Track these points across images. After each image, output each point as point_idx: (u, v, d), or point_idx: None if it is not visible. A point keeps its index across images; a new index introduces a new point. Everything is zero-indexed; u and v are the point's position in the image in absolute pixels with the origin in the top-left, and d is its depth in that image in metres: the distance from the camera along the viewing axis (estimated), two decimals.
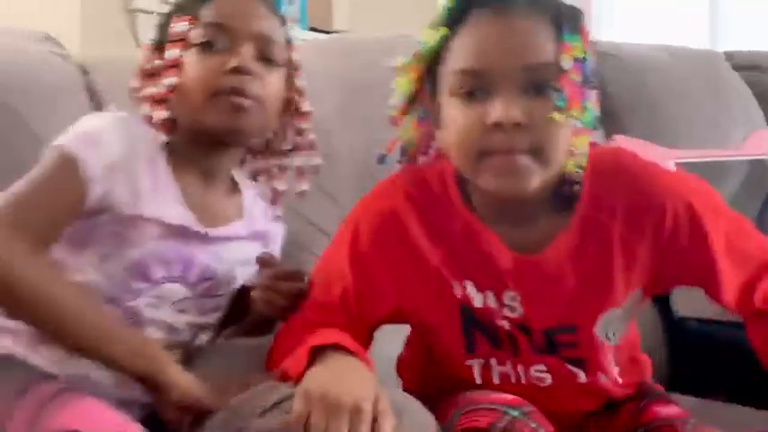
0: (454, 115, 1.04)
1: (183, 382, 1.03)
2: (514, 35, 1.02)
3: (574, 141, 1.04)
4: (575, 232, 1.08)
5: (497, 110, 1.00)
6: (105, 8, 2.50)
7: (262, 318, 1.20)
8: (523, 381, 1.12)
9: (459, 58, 1.04)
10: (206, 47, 1.15)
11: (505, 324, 1.09)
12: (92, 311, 1.03)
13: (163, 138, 1.15)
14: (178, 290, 1.13)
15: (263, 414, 0.96)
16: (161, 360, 1.04)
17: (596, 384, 1.13)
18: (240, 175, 1.27)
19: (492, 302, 1.09)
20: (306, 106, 1.27)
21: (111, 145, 1.09)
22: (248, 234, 1.22)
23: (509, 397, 1.06)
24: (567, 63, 1.02)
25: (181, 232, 1.13)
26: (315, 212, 1.53)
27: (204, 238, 1.15)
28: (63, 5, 2.53)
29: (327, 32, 3.03)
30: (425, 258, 1.09)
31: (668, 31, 3.45)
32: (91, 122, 1.12)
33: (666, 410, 1.16)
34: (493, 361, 1.12)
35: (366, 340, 1.13)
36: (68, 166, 1.06)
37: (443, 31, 1.05)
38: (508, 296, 1.09)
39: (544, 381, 1.12)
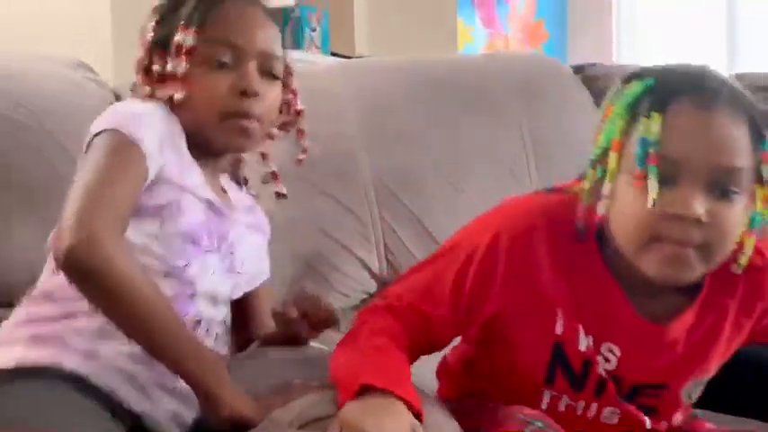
0: (634, 200, 1.02)
1: (237, 402, 1.05)
2: (715, 134, 1.01)
3: (747, 241, 1.06)
4: (697, 308, 1.12)
5: (681, 202, 1.00)
6: (137, 37, 2.56)
7: (293, 334, 1.24)
8: (590, 416, 1.15)
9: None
10: (213, 64, 1.17)
11: (603, 372, 1.12)
12: (173, 314, 1.05)
13: None
14: (216, 261, 1.16)
15: (301, 427, 1.00)
16: (223, 376, 1.06)
17: (657, 428, 1.17)
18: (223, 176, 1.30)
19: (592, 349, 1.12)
20: (299, 105, 1.29)
21: (158, 123, 1.13)
22: (249, 224, 1.26)
23: (533, 411, 1.10)
24: (767, 173, 1.04)
25: (213, 208, 1.17)
26: (336, 228, 1.59)
27: (227, 219, 1.19)
28: (96, 35, 2.61)
29: (349, 58, 3.10)
30: (541, 287, 1.10)
31: (687, 53, 3.49)
32: (132, 106, 1.16)
33: (708, 425, 1.21)
34: (565, 395, 1.15)
35: (454, 335, 1.17)
36: (130, 146, 1.08)
37: (658, 118, 1.01)
38: (606, 347, 1.12)
39: (611, 421, 1.15)
